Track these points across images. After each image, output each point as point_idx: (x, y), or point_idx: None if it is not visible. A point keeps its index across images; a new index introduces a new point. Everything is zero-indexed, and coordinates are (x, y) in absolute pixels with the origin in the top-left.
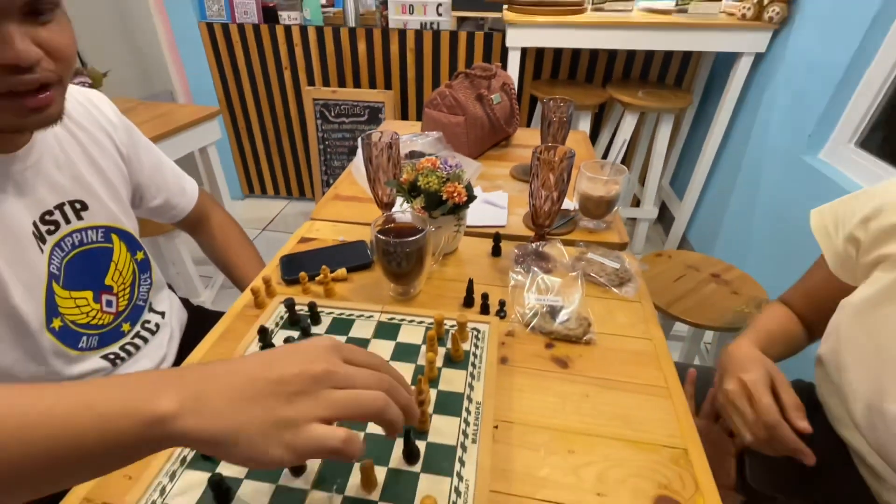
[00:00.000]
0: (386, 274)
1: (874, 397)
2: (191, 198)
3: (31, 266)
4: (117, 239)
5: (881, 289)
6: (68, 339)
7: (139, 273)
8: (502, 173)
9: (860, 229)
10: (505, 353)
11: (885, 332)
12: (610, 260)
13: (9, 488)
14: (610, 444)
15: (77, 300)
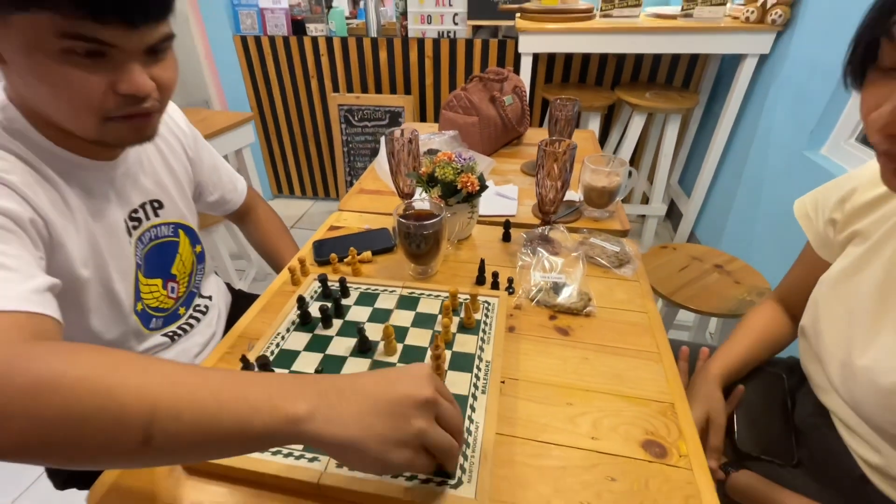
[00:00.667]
0: (407, 255)
1: (845, 355)
2: (241, 193)
3: (125, 257)
4: (183, 233)
5: (853, 260)
6: (144, 320)
7: (196, 263)
8: (513, 169)
9: (837, 210)
10: (512, 322)
11: (854, 298)
12: (611, 244)
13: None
14: (604, 398)
15: (151, 287)
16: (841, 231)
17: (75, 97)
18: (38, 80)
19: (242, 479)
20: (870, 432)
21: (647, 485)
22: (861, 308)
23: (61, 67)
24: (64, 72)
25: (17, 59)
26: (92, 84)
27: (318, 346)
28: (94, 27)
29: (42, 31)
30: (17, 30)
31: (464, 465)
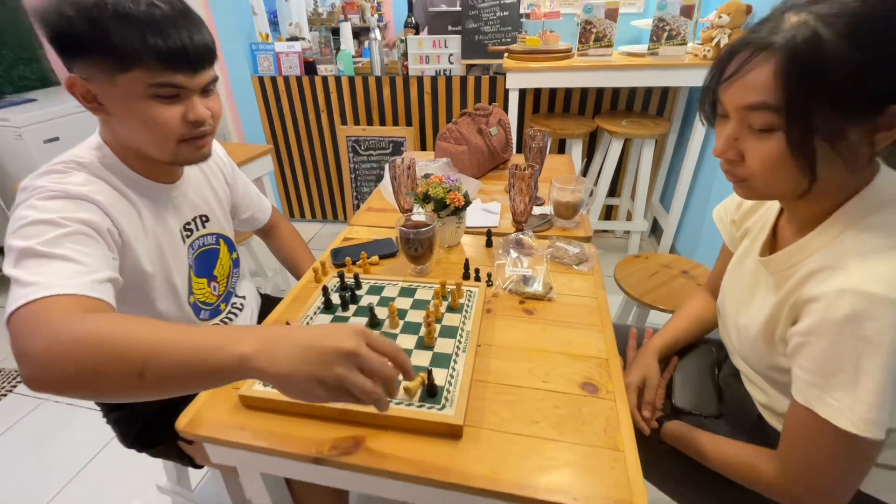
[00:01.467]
0: (407, 257)
1: (737, 319)
2: (267, 212)
3: (182, 258)
4: (223, 242)
5: (742, 251)
6: (196, 311)
7: (233, 268)
8: (498, 189)
9: (735, 213)
10: (490, 306)
11: (741, 278)
12: (573, 247)
13: (159, 387)
14: (554, 356)
15: (199, 285)
16: (738, 229)
17: (160, 126)
18: (134, 120)
19: (282, 409)
20: (757, 378)
21: (580, 410)
22: (744, 285)
23: (151, 107)
24: (153, 109)
25: (118, 107)
26: (171, 115)
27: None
28: (172, 76)
29: (137, 84)
30: (119, 86)
31: (449, 396)
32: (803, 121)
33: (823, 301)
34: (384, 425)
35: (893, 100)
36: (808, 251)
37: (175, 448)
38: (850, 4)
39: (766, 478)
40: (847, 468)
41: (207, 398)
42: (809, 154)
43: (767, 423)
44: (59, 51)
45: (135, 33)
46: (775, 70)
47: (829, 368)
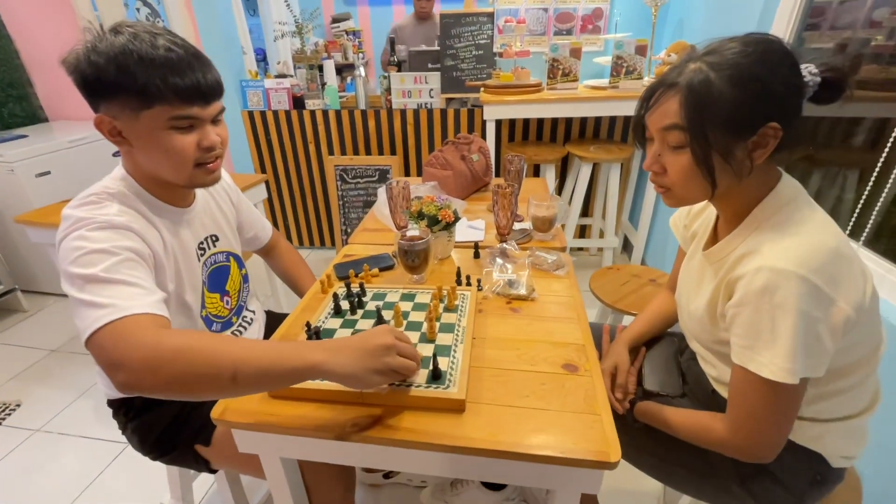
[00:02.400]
0: (405, 267)
1: (688, 305)
2: (268, 232)
3: (196, 276)
4: (233, 260)
5: (692, 249)
6: (208, 323)
7: (243, 283)
8: (482, 209)
9: (686, 219)
10: (481, 307)
11: (691, 271)
12: (550, 255)
13: (247, 389)
14: (539, 345)
15: (212, 299)
16: (688, 231)
17: (179, 153)
18: (155, 149)
19: (309, 397)
20: (707, 354)
21: (563, 385)
22: (693, 277)
23: (170, 136)
24: (172, 139)
25: (141, 138)
26: (188, 143)
27: (348, 325)
28: (188, 109)
29: (159, 118)
30: (142, 121)
31: (451, 378)
32: (701, 139)
33: (746, 278)
34: (398, 405)
35: (761, 124)
36: (735, 242)
37: (191, 451)
38: (732, 57)
39: (719, 435)
40: (778, 413)
41: None
42: (709, 165)
43: (719, 394)
44: (87, 94)
45: (157, 75)
46: (680, 101)
47: (755, 331)
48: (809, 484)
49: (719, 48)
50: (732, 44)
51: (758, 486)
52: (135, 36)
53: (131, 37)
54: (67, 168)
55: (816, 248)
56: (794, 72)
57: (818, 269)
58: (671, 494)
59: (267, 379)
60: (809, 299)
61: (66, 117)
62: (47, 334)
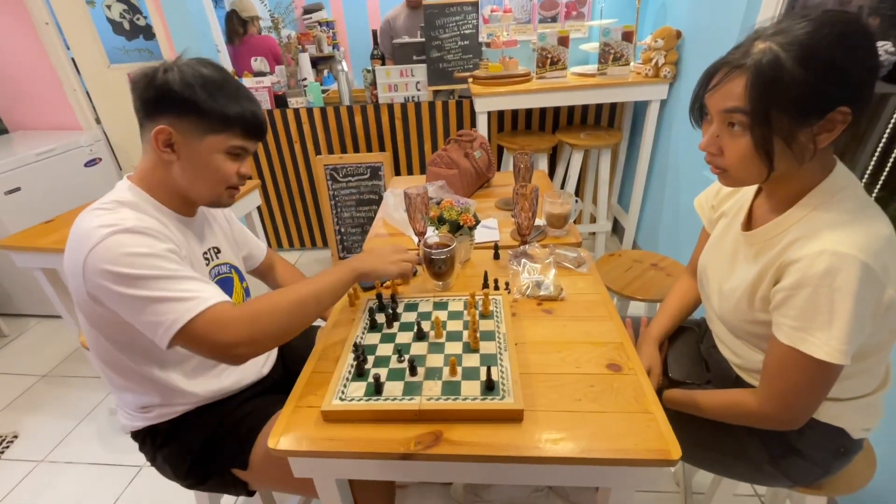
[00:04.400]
0: (431, 275)
1: (719, 286)
2: (263, 251)
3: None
4: (235, 273)
5: (721, 229)
6: None
7: (245, 296)
8: (489, 206)
9: (715, 198)
10: (514, 310)
11: (722, 251)
12: (571, 252)
13: (328, 306)
14: (579, 346)
15: None
16: (715, 212)
17: (223, 175)
18: (204, 167)
19: (364, 419)
20: (731, 340)
21: (611, 385)
22: (726, 258)
23: (223, 160)
24: (224, 162)
25: (194, 156)
26: (233, 168)
27: (388, 340)
28: (246, 141)
29: (222, 143)
30: (206, 142)
31: (505, 387)
32: (764, 123)
33: (804, 261)
34: (456, 419)
35: (831, 108)
36: (785, 225)
37: (228, 475)
38: (804, 37)
39: (750, 407)
40: (817, 390)
41: (289, 418)
42: (769, 150)
43: (744, 381)
44: (156, 105)
45: (236, 108)
46: (746, 83)
47: (811, 313)
48: (834, 456)
49: (790, 28)
50: (804, 22)
51: (788, 463)
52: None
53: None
54: (38, 182)
55: (875, 236)
56: (871, 53)
57: (876, 254)
58: (688, 469)
59: (335, 292)
60: (867, 284)
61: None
62: (35, 359)
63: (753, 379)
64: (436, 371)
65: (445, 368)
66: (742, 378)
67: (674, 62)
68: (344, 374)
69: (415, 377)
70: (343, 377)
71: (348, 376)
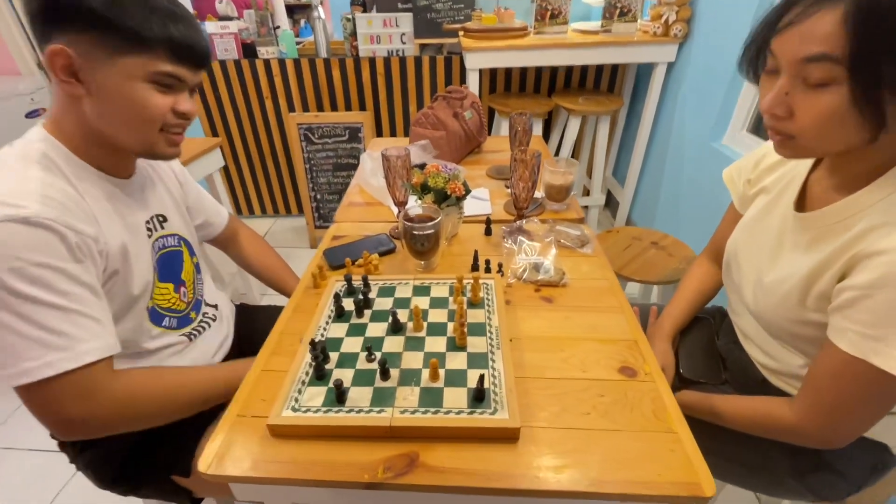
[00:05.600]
0: (412, 253)
1: (757, 277)
2: (223, 218)
3: (146, 259)
4: (184, 245)
5: (761, 209)
6: (156, 318)
7: (196, 273)
8: (480, 174)
9: (753, 171)
10: (508, 297)
11: (762, 236)
12: (573, 230)
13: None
14: (585, 343)
15: (163, 289)
16: (754, 186)
17: (150, 111)
18: (122, 101)
19: (324, 434)
20: (765, 340)
21: (625, 395)
22: (767, 243)
23: (146, 91)
24: (147, 93)
25: (107, 86)
26: (162, 103)
27: (357, 332)
28: (177, 67)
29: (140, 68)
30: (119, 66)
31: (497, 398)
32: (870, 72)
33: (888, 255)
34: (436, 438)
35: None
36: (858, 207)
37: (168, 483)
38: None
39: (785, 421)
40: (877, 409)
41: (227, 433)
42: (874, 107)
43: (772, 384)
44: (47, 18)
45: (157, 20)
46: (842, 18)
47: (891, 319)
48: (870, 472)
49: None
50: None
51: (815, 479)
52: None
53: None
54: None
55: None
56: None
57: None
58: None
59: (205, 398)
60: None
61: None
62: None
63: (787, 385)
64: (413, 375)
65: (425, 371)
66: (770, 382)
67: (686, 19)
68: (299, 377)
69: (387, 382)
70: (298, 380)
71: (305, 378)
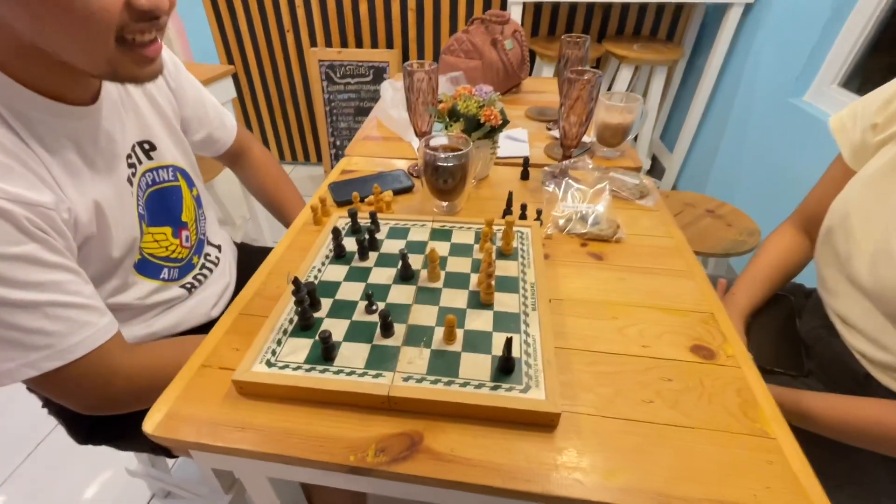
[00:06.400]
0: (433, 192)
1: (882, 246)
2: (231, 131)
3: (129, 213)
4: (181, 177)
5: (889, 160)
6: (148, 271)
7: (197, 208)
8: (517, 114)
9: (879, 114)
10: (547, 251)
11: (893, 193)
12: (629, 177)
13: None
14: (646, 312)
15: (155, 235)
16: (881, 132)
17: (94, 15)
18: (56, 6)
19: (303, 397)
20: (877, 328)
21: (701, 382)
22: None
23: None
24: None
25: None
26: (110, 1)
27: (358, 277)
28: None
29: None
30: None
31: (531, 371)
32: None
33: None
34: (447, 415)
35: None
36: None
37: (143, 436)
38: None
39: None
40: None
41: (185, 389)
42: None
43: (879, 382)
44: None
45: None
46: None
47: None
48: None
49: None
50: None
51: None
52: None
53: None
54: None
55: None
56: None
57: None
58: None
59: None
60: None
61: None
62: None
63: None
64: (422, 333)
65: (438, 331)
66: (876, 378)
67: None
68: (280, 324)
69: (389, 339)
70: (279, 328)
71: (287, 327)
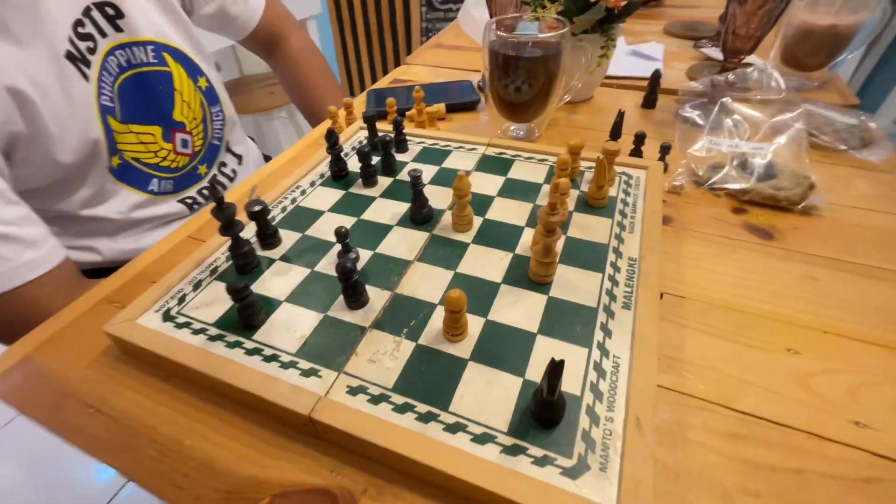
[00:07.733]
0: (498, 105)
1: None
2: (254, 8)
3: (81, 103)
4: (172, 60)
5: None
6: (133, 180)
7: (208, 105)
8: (652, 30)
9: None
10: (668, 212)
11: None
12: (839, 115)
13: None
14: (863, 350)
15: (140, 135)
16: None
17: None
18: None
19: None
20: None
21: None
22: None
23: None
24: None
25: None
26: None
27: (350, 209)
28: None
29: None
30: None
31: (592, 435)
32: None
33: None
34: (413, 475)
35: None
36: None
37: None
38: None
39: None
40: None
41: (60, 331)
42: None
43: None
44: None
45: None
46: None
47: None
48: None
49: None
50: None
51: None
52: None
53: None
54: None
55: None
56: None
57: None
58: None
59: None
60: None
61: None
62: None
63: None
64: (413, 311)
65: (439, 312)
66: None
67: None
68: (210, 261)
69: (355, 311)
70: (206, 265)
71: (217, 266)
